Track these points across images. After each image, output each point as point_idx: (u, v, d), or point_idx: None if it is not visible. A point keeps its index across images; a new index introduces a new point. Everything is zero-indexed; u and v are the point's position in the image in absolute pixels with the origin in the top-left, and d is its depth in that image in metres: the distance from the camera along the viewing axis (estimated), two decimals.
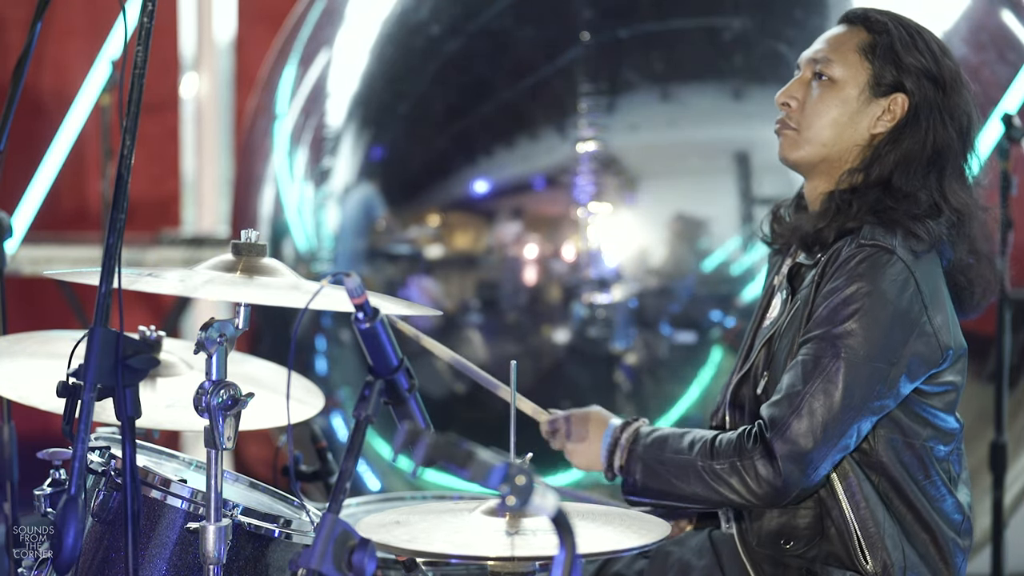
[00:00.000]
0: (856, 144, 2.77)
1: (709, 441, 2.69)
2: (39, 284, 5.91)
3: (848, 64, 2.77)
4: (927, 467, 2.71)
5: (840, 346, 2.61)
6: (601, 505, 3.24)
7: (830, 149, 2.77)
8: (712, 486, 2.66)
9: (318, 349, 4.77)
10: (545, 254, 4.42)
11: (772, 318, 2.82)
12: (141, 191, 6.53)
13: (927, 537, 2.70)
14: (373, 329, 2.19)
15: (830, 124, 2.77)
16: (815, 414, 2.61)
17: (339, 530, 2.05)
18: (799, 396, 2.62)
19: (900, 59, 2.75)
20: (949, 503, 2.73)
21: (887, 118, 2.76)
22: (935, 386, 2.70)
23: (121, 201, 2.28)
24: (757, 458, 2.62)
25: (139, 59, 2.31)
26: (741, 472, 2.64)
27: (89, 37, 6.41)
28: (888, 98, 2.76)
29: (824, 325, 2.64)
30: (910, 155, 2.73)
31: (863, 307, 2.62)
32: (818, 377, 2.62)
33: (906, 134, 2.74)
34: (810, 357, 2.64)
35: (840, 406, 2.61)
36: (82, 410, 2.23)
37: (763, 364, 2.77)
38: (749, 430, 2.67)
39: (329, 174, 4.74)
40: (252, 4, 6.92)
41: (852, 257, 2.65)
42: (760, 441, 2.63)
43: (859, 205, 2.71)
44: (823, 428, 2.61)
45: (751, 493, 2.64)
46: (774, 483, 2.62)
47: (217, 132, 7.02)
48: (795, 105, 2.80)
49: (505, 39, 4.62)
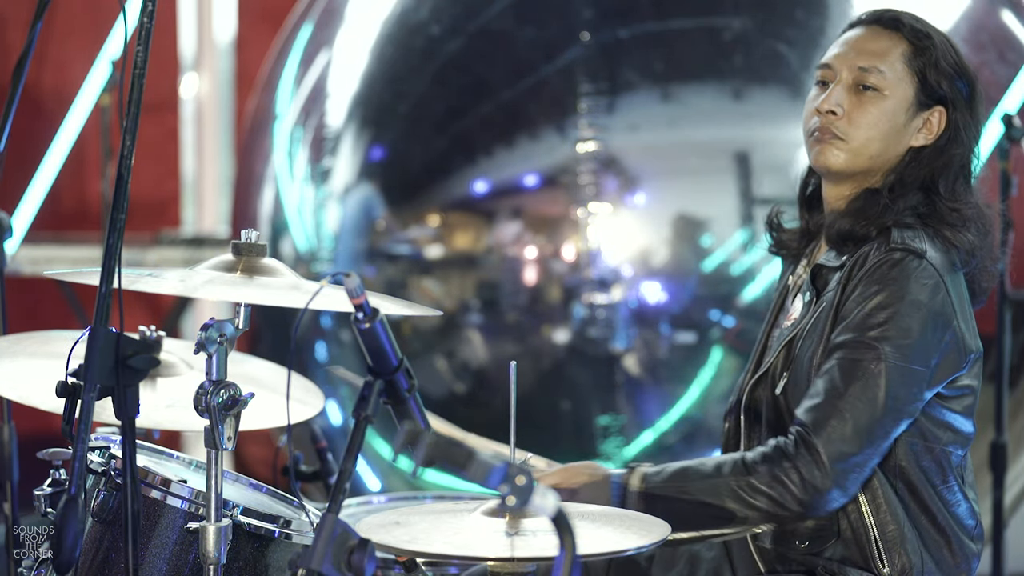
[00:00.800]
0: (897, 155, 2.75)
1: (738, 460, 2.62)
2: (39, 284, 5.91)
3: (897, 76, 2.74)
4: (945, 472, 2.70)
5: (880, 349, 2.58)
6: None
7: (875, 161, 2.74)
8: (749, 501, 2.58)
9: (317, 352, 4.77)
10: (545, 254, 4.42)
11: (794, 319, 2.78)
12: (141, 191, 6.53)
13: (942, 541, 2.69)
14: (372, 329, 2.19)
15: (879, 137, 2.73)
16: (859, 417, 2.57)
17: (338, 530, 2.05)
18: (841, 399, 2.58)
19: (943, 72, 2.74)
20: (964, 508, 2.73)
21: (926, 131, 2.75)
22: (954, 390, 2.69)
23: (121, 201, 2.28)
24: (801, 462, 2.56)
25: (139, 59, 2.31)
26: (783, 479, 2.57)
27: (89, 37, 6.41)
28: (929, 111, 2.75)
29: (859, 330, 2.60)
30: (949, 165, 2.73)
31: (899, 311, 2.60)
32: (859, 380, 2.58)
33: (948, 148, 2.74)
34: (848, 360, 2.60)
35: (883, 409, 2.58)
36: (82, 410, 2.23)
37: (782, 365, 2.74)
38: (784, 439, 2.61)
39: (329, 174, 4.74)
40: (252, 4, 6.92)
41: (883, 262, 2.63)
42: (803, 445, 2.57)
43: (903, 205, 2.70)
44: (867, 432, 2.57)
45: (796, 501, 2.57)
46: (821, 486, 2.56)
47: (217, 132, 7.01)
48: (841, 113, 2.74)
49: (505, 39, 4.62)
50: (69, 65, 6.52)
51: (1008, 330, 4.09)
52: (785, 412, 2.72)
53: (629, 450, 4.34)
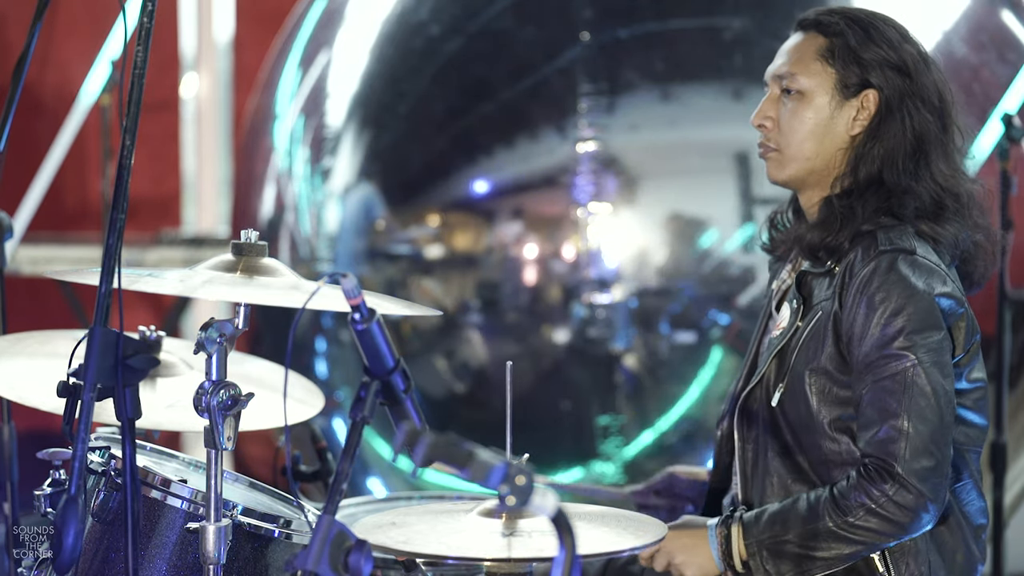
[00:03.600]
0: (839, 149, 2.75)
1: (828, 499, 2.62)
2: (39, 284, 5.91)
3: (812, 73, 2.76)
4: (959, 469, 2.70)
5: (910, 356, 2.59)
6: (606, 493, 3.25)
7: (814, 161, 2.76)
8: (855, 539, 2.59)
9: (318, 350, 4.77)
10: (545, 254, 4.42)
11: (782, 328, 2.78)
12: (141, 191, 6.53)
13: (953, 544, 2.69)
14: (369, 330, 2.19)
15: (808, 137, 2.75)
16: (922, 429, 2.58)
17: (335, 531, 2.05)
18: (898, 419, 2.58)
19: (860, 57, 2.73)
20: (977, 507, 2.73)
21: (863, 116, 2.74)
22: (967, 383, 2.71)
23: (121, 201, 2.28)
24: (892, 491, 2.57)
25: (139, 59, 2.31)
26: (880, 512, 2.57)
27: (89, 37, 6.41)
28: (859, 97, 2.74)
29: (881, 345, 2.61)
30: (893, 148, 2.72)
31: (913, 312, 2.60)
32: (906, 392, 2.58)
33: (884, 129, 2.73)
34: (886, 379, 2.60)
35: (939, 408, 2.59)
36: (82, 410, 2.23)
37: (775, 376, 2.73)
38: (863, 472, 2.61)
39: (329, 174, 4.74)
40: (251, 4, 6.92)
41: (877, 269, 2.63)
42: (885, 474, 2.58)
43: (863, 208, 2.70)
44: (934, 438, 2.58)
45: (898, 527, 2.58)
46: (917, 508, 2.57)
47: (217, 132, 7.01)
48: (771, 125, 2.78)
49: (505, 39, 4.61)
50: (69, 65, 6.52)
51: (1008, 330, 4.09)
52: (781, 423, 2.72)
53: (629, 450, 4.34)
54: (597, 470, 4.31)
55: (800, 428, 2.69)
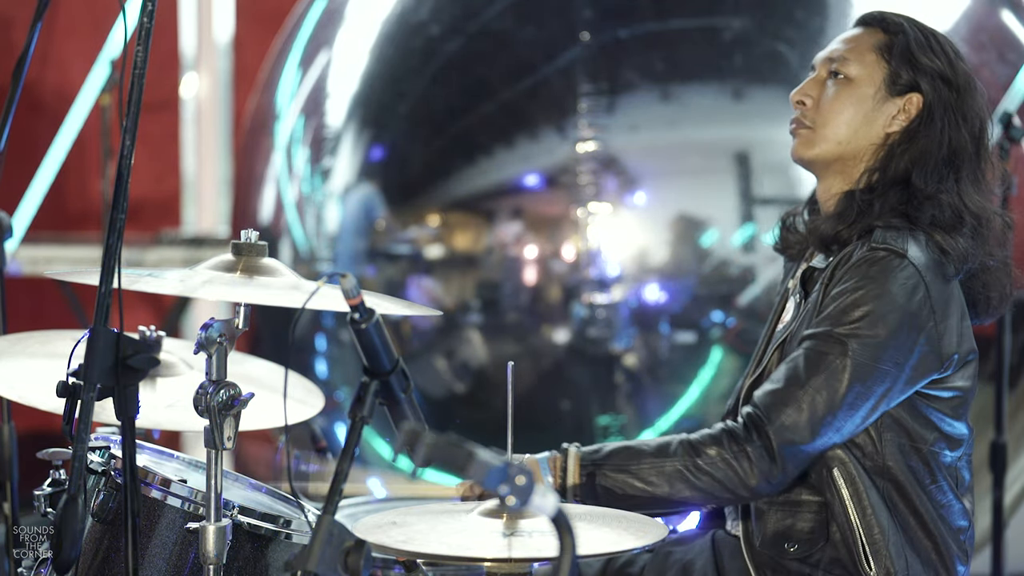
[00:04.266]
0: (871, 143, 2.77)
1: (685, 440, 2.65)
2: (39, 284, 5.90)
3: (864, 63, 2.78)
4: (934, 472, 2.70)
5: (847, 345, 2.60)
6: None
7: (845, 147, 2.77)
8: (695, 484, 2.62)
9: (318, 349, 4.77)
10: (545, 254, 4.42)
11: (786, 322, 2.80)
12: (141, 191, 6.53)
13: (929, 544, 2.69)
14: (368, 330, 2.19)
15: (846, 122, 2.76)
16: (816, 409, 2.60)
17: (334, 531, 2.05)
18: (801, 388, 2.61)
19: (916, 59, 2.76)
20: (956, 509, 2.72)
21: (902, 117, 2.76)
22: (943, 391, 2.69)
23: (121, 201, 2.28)
24: (751, 447, 2.60)
25: (139, 59, 2.31)
26: (732, 463, 2.60)
27: (89, 37, 6.40)
28: (903, 98, 2.76)
29: (831, 323, 2.63)
30: (926, 154, 2.73)
31: (873, 309, 2.61)
32: (822, 373, 2.60)
33: (921, 133, 2.74)
34: (814, 352, 2.62)
35: (841, 404, 2.60)
36: (82, 410, 2.23)
37: (775, 367, 2.75)
38: (736, 422, 2.64)
39: (329, 174, 4.74)
40: (251, 4, 6.92)
41: (864, 259, 2.64)
42: (754, 430, 2.61)
43: (881, 205, 2.71)
44: (821, 423, 2.60)
45: (741, 484, 2.61)
46: (769, 473, 2.60)
47: (217, 132, 7.01)
48: (810, 103, 2.80)
49: (505, 39, 4.62)
50: (69, 65, 6.52)
51: (1008, 330, 4.09)
52: None
53: None
54: None
55: None
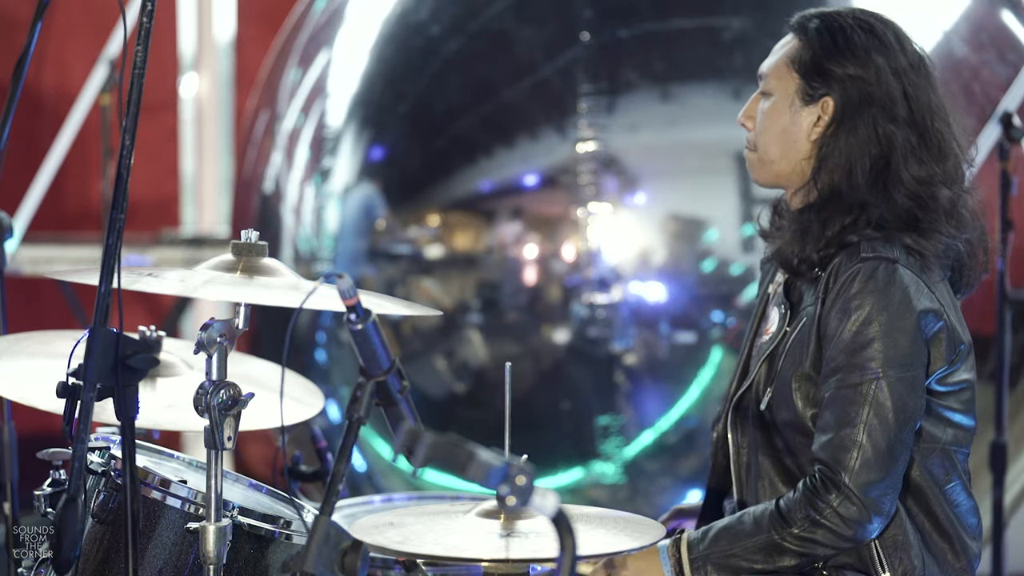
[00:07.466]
0: (802, 157, 2.72)
1: (774, 511, 2.62)
2: (39, 284, 5.90)
3: (780, 76, 2.74)
4: (948, 470, 2.69)
5: (875, 367, 2.57)
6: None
7: (780, 165, 2.73)
8: (799, 551, 2.59)
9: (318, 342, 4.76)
10: (545, 254, 4.42)
11: (771, 333, 2.77)
12: (141, 191, 6.53)
13: (946, 545, 2.68)
14: (365, 330, 2.19)
15: (774, 140, 2.73)
16: (876, 441, 2.56)
17: (331, 532, 2.04)
18: (852, 428, 2.57)
19: (821, 64, 2.69)
20: (967, 507, 2.72)
21: (820, 124, 2.70)
22: (950, 386, 2.68)
23: (121, 201, 2.28)
24: (836, 503, 2.56)
25: (139, 59, 2.31)
26: (824, 524, 2.57)
27: (89, 37, 6.40)
28: (817, 104, 2.70)
29: (850, 352, 2.59)
30: (851, 159, 2.66)
31: (884, 322, 2.58)
32: (865, 404, 2.57)
33: (841, 137, 2.67)
34: (847, 387, 2.59)
35: (896, 425, 2.57)
36: (82, 410, 2.24)
37: (764, 380, 2.72)
38: (809, 483, 2.60)
39: (329, 174, 4.74)
40: (252, 4, 6.92)
41: (857, 274, 2.60)
42: (830, 483, 2.57)
43: (822, 224, 2.65)
44: (888, 452, 2.57)
45: (842, 538, 2.58)
46: (862, 520, 2.56)
47: (217, 132, 7.01)
48: (751, 124, 2.77)
49: (505, 39, 4.62)
50: (69, 65, 6.52)
51: (1008, 330, 4.09)
52: (771, 426, 2.72)
53: (629, 450, 4.34)
54: (597, 470, 4.31)
55: (788, 432, 2.70)
